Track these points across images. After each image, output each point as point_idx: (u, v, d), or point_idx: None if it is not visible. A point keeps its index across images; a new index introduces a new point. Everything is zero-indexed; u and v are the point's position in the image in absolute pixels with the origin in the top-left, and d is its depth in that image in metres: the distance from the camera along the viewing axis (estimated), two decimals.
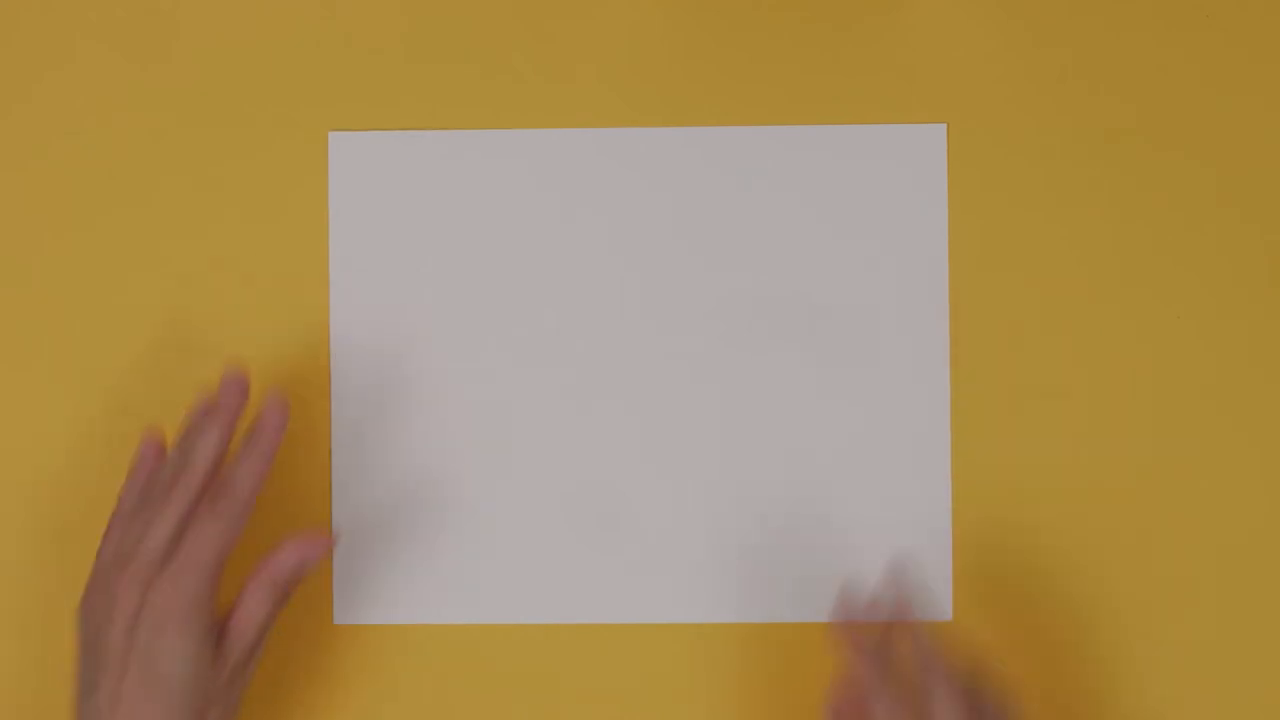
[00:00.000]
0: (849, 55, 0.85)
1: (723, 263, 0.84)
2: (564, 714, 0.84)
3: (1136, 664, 0.84)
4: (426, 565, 0.84)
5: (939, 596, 0.84)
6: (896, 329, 0.84)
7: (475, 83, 0.85)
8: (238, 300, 0.84)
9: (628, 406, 0.84)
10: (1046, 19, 0.85)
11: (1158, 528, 0.84)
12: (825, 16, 0.85)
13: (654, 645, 0.84)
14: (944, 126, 0.84)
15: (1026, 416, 0.84)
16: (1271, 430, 0.84)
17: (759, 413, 0.84)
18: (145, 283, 0.84)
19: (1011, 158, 0.84)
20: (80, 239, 0.85)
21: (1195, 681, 0.84)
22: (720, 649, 0.84)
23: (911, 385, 0.84)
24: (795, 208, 0.84)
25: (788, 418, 0.84)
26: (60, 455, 0.83)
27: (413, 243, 0.84)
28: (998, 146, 0.84)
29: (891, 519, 0.83)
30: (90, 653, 0.76)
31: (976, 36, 0.85)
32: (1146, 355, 0.84)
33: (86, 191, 0.85)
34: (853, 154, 0.84)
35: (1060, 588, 0.84)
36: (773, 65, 0.85)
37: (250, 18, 0.85)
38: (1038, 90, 0.85)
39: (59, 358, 0.84)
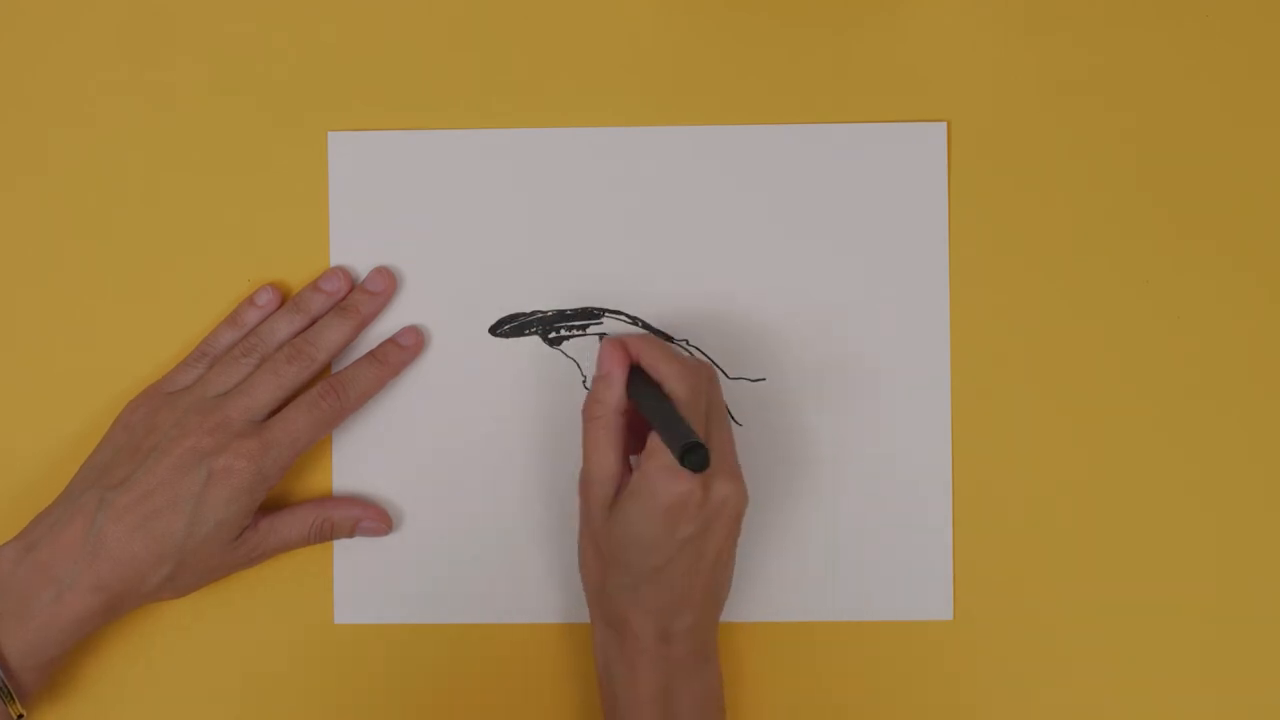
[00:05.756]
0: (850, 54, 0.85)
1: (724, 260, 0.84)
2: (563, 713, 0.84)
3: (1136, 663, 0.84)
4: (426, 565, 0.84)
5: (939, 597, 0.83)
6: (897, 326, 0.84)
7: (475, 83, 0.85)
8: (239, 299, 0.84)
9: None
10: (1046, 19, 0.84)
11: (1158, 527, 0.84)
12: (826, 16, 0.85)
13: None
14: (944, 124, 0.84)
15: (1026, 416, 0.84)
16: (1271, 430, 0.84)
17: (759, 411, 0.84)
18: (146, 282, 0.84)
19: (1011, 155, 0.84)
20: (80, 239, 0.85)
21: (1195, 680, 0.84)
22: (720, 648, 0.84)
23: (912, 382, 0.84)
24: (796, 205, 0.84)
25: (787, 416, 0.84)
26: (61, 454, 0.83)
27: (412, 241, 0.84)
28: (998, 144, 0.84)
29: (892, 519, 0.83)
30: (125, 452, 0.79)
31: (976, 36, 0.85)
32: (1147, 353, 0.84)
33: (86, 192, 0.85)
34: (854, 151, 0.84)
35: (1060, 587, 0.84)
36: (774, 64, 0.85)
37: (250, 18, 0.85)
38: (1038, 89, 0.84)
39: (60, 357, 0.84)
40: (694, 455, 0.70)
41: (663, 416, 0.74)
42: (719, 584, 0.78)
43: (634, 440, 0.78)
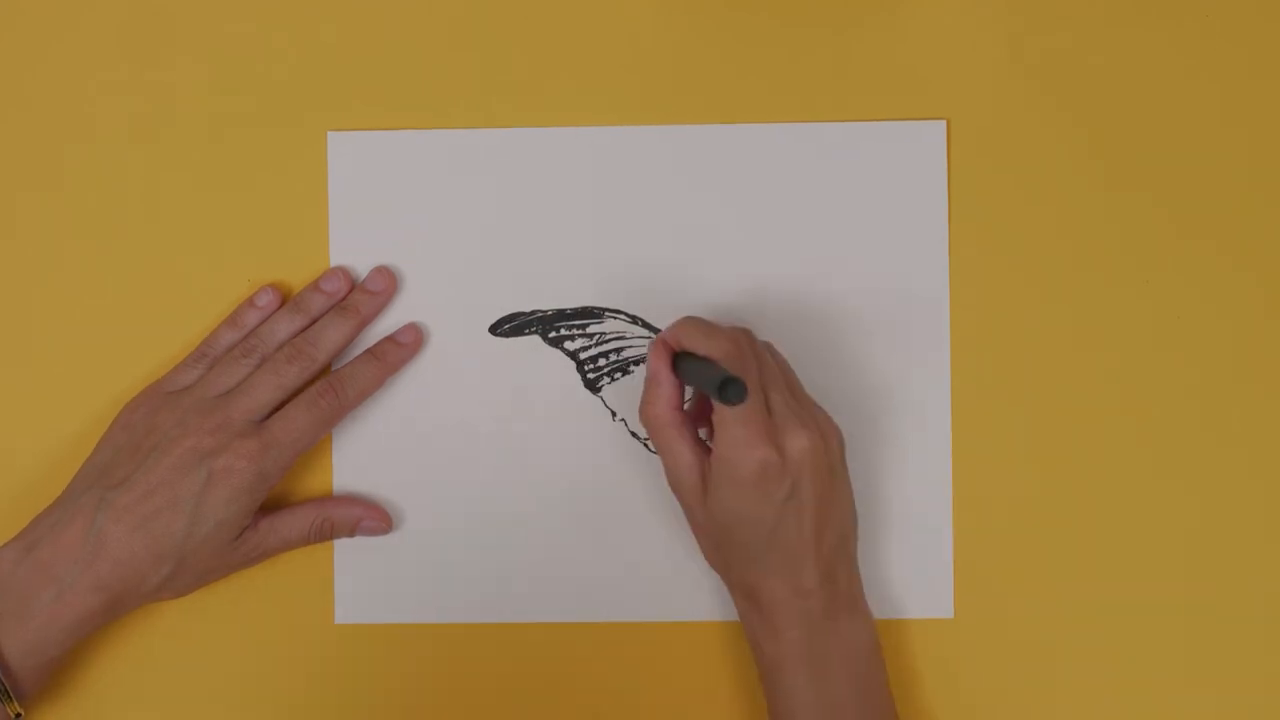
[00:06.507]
0: (850, 53, 0.85)
1: (724, 259, 0.84)
2: (564, 713, 0.84)
3: (1136, 663, 0.84)
4: (426, 565, 0.84)
5: (939, 595, 0.83)
6: (897, 325, 0.84)
7: (475, 83, 0.85)
8: (239, 299, 0.84)
9: (629, 405, 0.84)
10: (1046, 17, 0.84)
11: (1157, 527, 0.84)
12: (826, 16, 0.85)
13: (655, 644, 0.84)
14: (944, 123, 0.84)
15: (1026, 417, 0.84)
16: (1271, 430, 0.84)
17: None
18: (146, 282, 0.85)
19: (1010, 154, 0.84)
20: (80, 239, 0.85)
21: (1195, 680, 0.84)
22: (721, 647, 0.84)
23: (911, 381, 0.84)
24: (797, 203, 0.84)
25: None
26: (61, 454, 0.83)
27: (412, 241, 0.84)
28: (997, 143, 0.84)
29: (892, 519, 0.83)
30: (125, 452, 0.79)
31: (976, 35, 0.85)
32: (1146, 353, 0.84)
33: (86, 192, 0.85)
34: (854, 150, 0.84)
35: (1060, 587, 0.84)
36: (774, 63, 0.85)
37: (250, 18, 0.85)
38: (1037, 88, 0.84)
39: (60, 357, 0.84)
40: (730, 388, 0.70)
41: (699, 373, 0.75)
42: (835, 531, 0.78)
43: (703, 424, 0.79)
